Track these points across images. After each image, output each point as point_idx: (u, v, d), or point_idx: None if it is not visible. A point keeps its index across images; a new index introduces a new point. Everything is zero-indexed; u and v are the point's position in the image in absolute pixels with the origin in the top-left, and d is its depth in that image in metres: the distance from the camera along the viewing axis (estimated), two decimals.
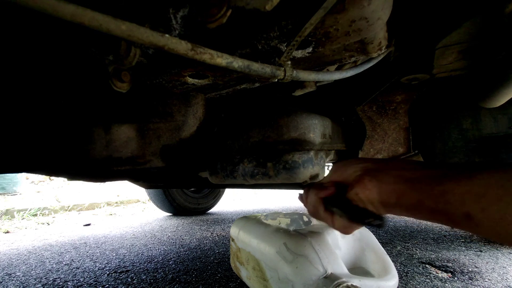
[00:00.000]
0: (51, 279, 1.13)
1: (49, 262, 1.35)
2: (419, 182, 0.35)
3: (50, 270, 1.23)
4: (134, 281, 1.09)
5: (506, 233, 0.28)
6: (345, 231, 0.46)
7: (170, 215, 2.65)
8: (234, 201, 3.89)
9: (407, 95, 0.97)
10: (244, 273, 0.87)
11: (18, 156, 0.61)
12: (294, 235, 0.73)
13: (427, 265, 1.19)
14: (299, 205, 3.11)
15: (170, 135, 0.71)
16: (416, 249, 1.41)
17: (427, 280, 1.04)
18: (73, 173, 0.68)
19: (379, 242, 0.83)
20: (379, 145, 0.98)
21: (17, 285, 1.08)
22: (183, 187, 2.09)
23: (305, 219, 1.04)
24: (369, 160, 0.46)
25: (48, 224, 2.44)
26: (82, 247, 1.61)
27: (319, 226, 0.82)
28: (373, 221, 0.39)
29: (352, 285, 0.58)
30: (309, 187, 0.51)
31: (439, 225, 1.95)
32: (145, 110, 0.68)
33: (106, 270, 1.22)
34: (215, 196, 2.80)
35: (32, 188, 4.59)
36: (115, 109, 0.66)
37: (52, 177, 4.70)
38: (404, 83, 0.89)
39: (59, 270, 1.23)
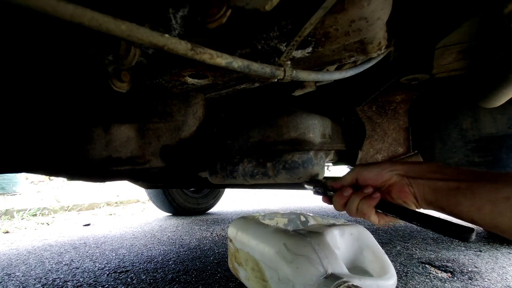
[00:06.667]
0: (50, 279, 1.13)
1: (48, 262, 1.35)
2: (440, 193, 0.48)
3: (49, 270, 1.23)
4: (134, 281, 1.09)
5: (501, 232, 0.43)
6: (388, 223, 0.57)
7: (169, 215, 2.65)
8: (234, 201, 3.89)
9: (407, 95, 0.97)
10: (243, 274, 0.87)
11: (18, 156, 0.61)
12: (294, 236, 0.73)
13: (426, 265, 1.19)
14: (298, 205, 3.11)
15: (170, 135, 0.71)
16: (415, 249, 1.41)
17: (426, 280, 1.04)
18: (73, 173, 0.68)
19: (379, 242, 0.83)
20: (379, 145, 0.98)
21: (17, 285, 1.08)
22: (183, 187, 2.09)
23: (302, 219, 1.04)
24: (396, 165, 0.56)
25: (48, 224, 2.44)
26: (82, 247, 1.61)
27: (318, 226, 0.82)
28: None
29: (353, 285, 0.58)
30: (350, 193, 0.58)
31: None
32: (145, 110, 0.68)
33: (106, 270, 1.22)
34: (215, 196, 2.79)
35: (31, 188, 4.59)
36: (115, 109, 0.66)
37: (52, 177, 4.70)
38: (404, 83, 0.89)
39: (58, 270, 1.23)
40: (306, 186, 0.67)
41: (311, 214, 1.03)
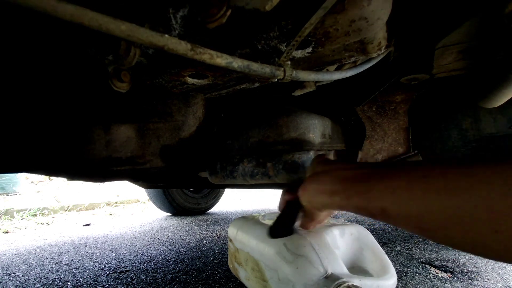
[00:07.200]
0: (50, 279, 1.13)
1: (48, 262, 1.35)
2: (350, 181, 0.38)
3: (49, 270, 1.23)
4: (134, 281, 1.09)
5: (426, 228, 0.29)
6: (305, 227, 0.52)
7: (169, 215, 2.65)
8: (234, 201, 3.89)
9: (407, 95, 0.97)
10: (243, 274, 0.87)
11: (18, 156, 0.61)
12: (294, 236, 0.73)
13: (426, 265, 1.19)
14: None
15: (170, 135, 0.71)
16: (415, 249, 1.41)
17: (426, 280, 1.04)
18: (73, 173, 0.68)
19: (379, 242, 0.83)
20: (379, 145, 0.98)
21: (17, 285, 1.08)
22: (183, 187, 2.09)
23: None
24: (337, 164, 0.46)
25: (48, 224, 2.43)
26: (82, 247, 1.61)
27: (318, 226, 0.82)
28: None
29: (353, 285, 0.58)
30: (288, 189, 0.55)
31: None
32: (145, 110, 0.68)
33: (106, 270, 1.22)
34: (215, 196, 2.79)
35: (31, 188, 4.59)
36: (115, 109, 0.66)
37: (52, 177, 4.70)
38: (404, 83, 0.89)
39: (58, 270, 1.23)
40: None
41: None
